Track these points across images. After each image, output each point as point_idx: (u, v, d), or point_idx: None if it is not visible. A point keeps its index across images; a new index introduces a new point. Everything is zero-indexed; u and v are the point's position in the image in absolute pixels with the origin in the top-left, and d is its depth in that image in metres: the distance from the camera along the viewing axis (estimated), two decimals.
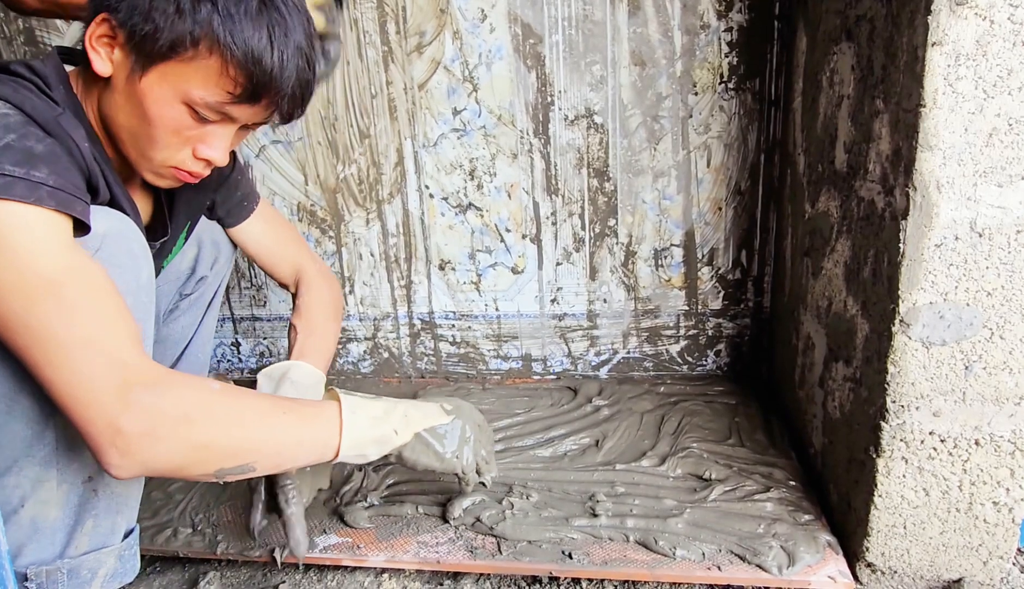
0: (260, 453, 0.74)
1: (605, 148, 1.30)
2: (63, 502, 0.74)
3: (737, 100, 1.24)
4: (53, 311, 0.64)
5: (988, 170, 0.71)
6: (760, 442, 1.15)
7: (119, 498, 0.79)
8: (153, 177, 0.82)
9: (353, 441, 0.80)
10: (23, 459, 0.71)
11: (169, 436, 0.68)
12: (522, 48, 1.26)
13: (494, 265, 1.42)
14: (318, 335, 1.08)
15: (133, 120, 0.76)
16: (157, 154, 0.78)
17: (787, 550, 0.89)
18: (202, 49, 0.72)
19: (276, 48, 0.74)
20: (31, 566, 0.73)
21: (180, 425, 0.69)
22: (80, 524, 0.76)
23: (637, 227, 1.34)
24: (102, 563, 0.78)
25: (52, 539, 0.74)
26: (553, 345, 1.46)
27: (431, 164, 1.36)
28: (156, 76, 0.73)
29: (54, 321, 0.64)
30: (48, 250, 0.65)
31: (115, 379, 0.66)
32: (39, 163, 0.65)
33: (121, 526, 0.81)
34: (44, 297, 0.64)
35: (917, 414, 0.80)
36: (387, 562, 0.95)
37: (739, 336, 1.40)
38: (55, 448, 0.73)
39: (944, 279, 0.75)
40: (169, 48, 0.72)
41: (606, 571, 0.90)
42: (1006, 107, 0.69)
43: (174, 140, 0.77)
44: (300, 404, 0.80)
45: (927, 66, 0.69)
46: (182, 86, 0.74)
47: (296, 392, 0.98)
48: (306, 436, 0.78)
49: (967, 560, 0.87)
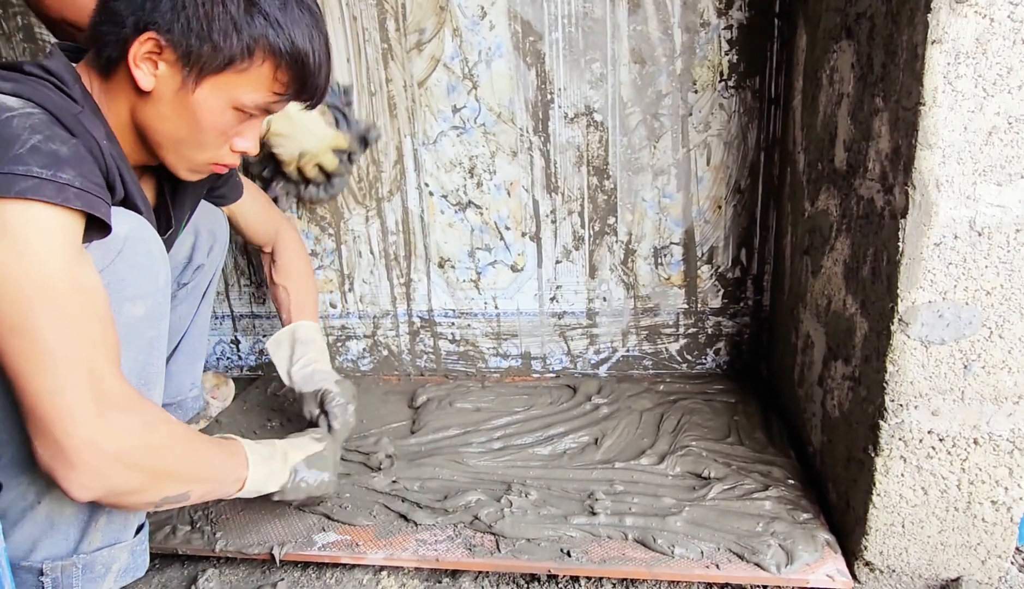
0: (200, 483, 0.80)
1: (605, 146, 1.30)
2: None
3: (737, 98, 1.24)
4: (53, 318, 0.65)
5: (987, 169, 0.71)
6: (759, 440, 1.15)
7: None
8: (188, 174, 0.86)
9: (255, 476, 0.88)
10: None
11: (138, 461, 0.71)
12: (522, 45, 1.25)
13: (494, 263, 1.42)
14: (305, 291, 1.24)
15: (182, 129, 0.80)
16: (202, 155, 0.84)
17: (786, 548, 0.90)
18: (256, 59, 0.78)
19: (314, 46, 0.81)
20: (46, 561, 0.74)
21: (148, 452, 0.72)
22: (94, 520, 0.77)
23: (637, 225, 1.34)
24: (115, 558, 0.79)
25: (67, 534, 0.75)
26: (552, 343, 1.46)
27: (431, 162, 1.36)
28: (208, 87, 0.78)
29: (50, 328, 0.65)
30: (64, 259, 0.66)
31: (95, 398, 0.67)
32: (65, 165, 0.66)
33: (133, 522, 0.82)
34: (47, 303, 0.65)
35: (916, 413, 0.80)
36: (386, 560, 0.95)
37: (738, 334, 1.40)
38: None
39: (943, 278, 0.75)
40: (227, 63, 0.77)
41: (605, 569, 0.90)
42: (1006, 105, 0.69)
43: (220, 140, 0.83)
44: (219, 442, 0.86)
45: (927, 64, 0.69)
46: (234, 93, 0.79)
47: (305, 349, 1.18)
48: (228, 469, 0.85)
49: (965, 559, 0.87)
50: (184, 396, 1.23)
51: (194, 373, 1.24)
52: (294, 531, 1.01)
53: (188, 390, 1.24)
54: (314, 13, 0.81)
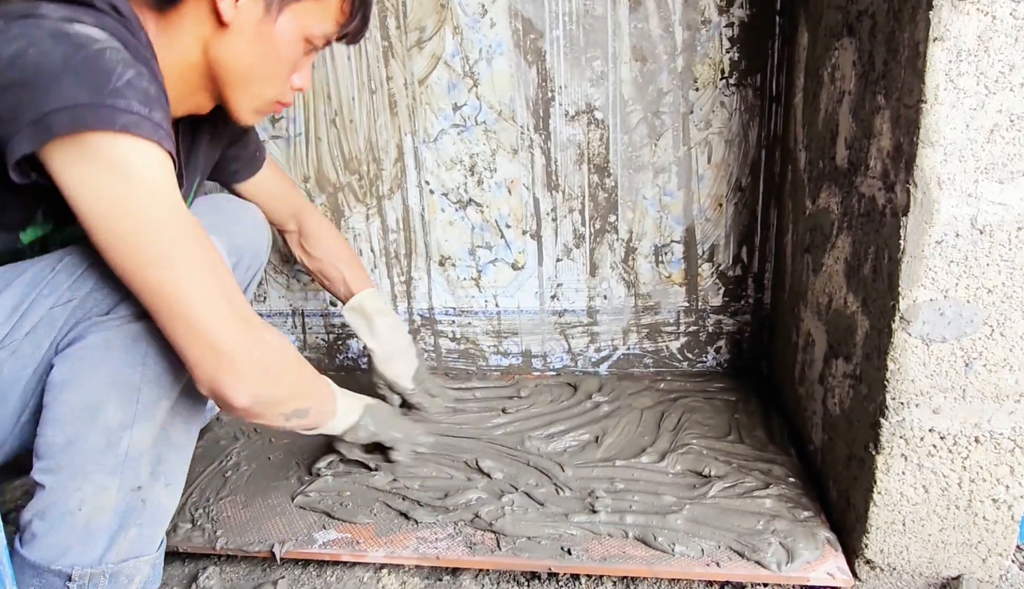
0: (316, 400, 0.91)
1: (606, 144, 1.30)
2: (115, 508, 0.76)
3: (738, 96, 1.24)
4: (186, 246, 0.69)
5: (989, 166, 0.71)
6: (760, 439, 1.15)
7: (163, 510, 0.81)
8: (253, 115, 0.87)
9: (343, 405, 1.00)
10: (92, 466, 0.73)
11: (280, 371, 0.79)
12: (523, 43, 1.25)
13: (494, 261, 1.41)
14: (352, 259, 1.27)
15: (258, 63, 0.81)
16: (272, 90, 0.85)
17: (786, 547, 0.89)
18: None
19: None
20: (76, 567, 0.74)
21: (286, 364, 0.81)
22: (124, 531, 0.77)
23: (637, 223, 1.34)
24: (139, 570, 0.80)
25: (96, 543, 0.75)
26: (553, 341, 1.46)
27: (431, 160, 1.36)
28: (287, 17, 0.80)
29: (186, 256, 0.68)
30: (174, 191, 0.69)
31: (236, 316, 0.73)
32: (155, 105, 0.66)
33: (159, 536, 0.82)
34: (176, 233, 0.68)
35: (917, 411, 0.80)
36: (386, 558, 0.95)
37: (739, 333, 1.40)
38: (124, 459, 0.75)
39: (944, 276, 0.75)
40: None
41: (605, 567, 0.90)
42: (1008, 103, 0.69)
43: (288, 74, 0.85)
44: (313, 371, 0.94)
45: (928, 62, 0.69)
46: (308, 23, 0.82)
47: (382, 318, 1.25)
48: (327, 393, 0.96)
49: (966, 557, 0.87)
50: None
51: None
52: (295, 529, 1.01)
53: None
54: None
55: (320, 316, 1.52)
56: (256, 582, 0.98)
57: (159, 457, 0.79)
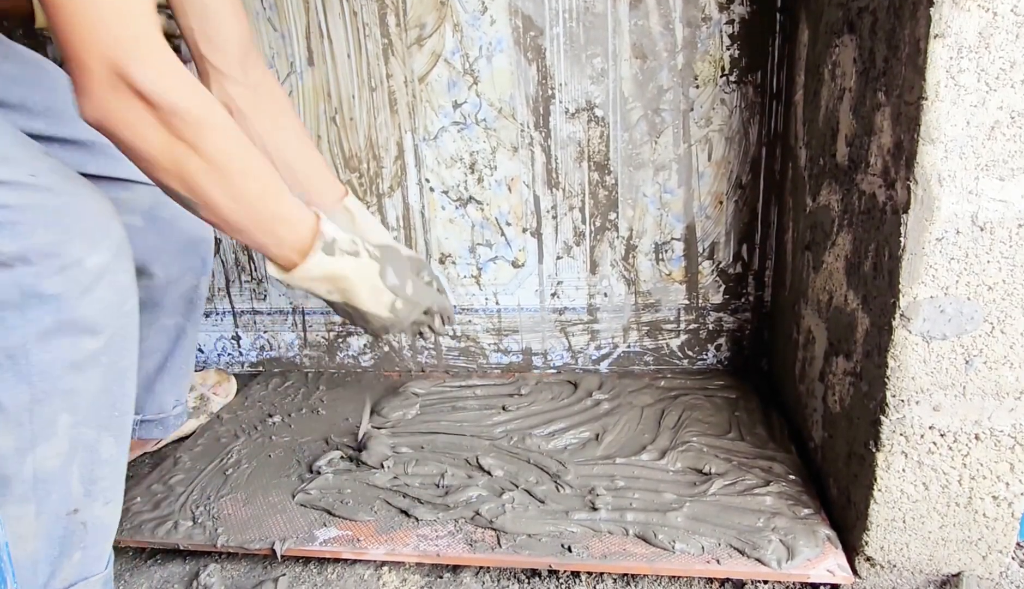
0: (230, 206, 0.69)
1: (606, 141, 1.29)
2: (44, 534, 0.73)
3: (739, 93, 1.24)
4: None
5: (990, 163, 0.71)
6: (760, 436, 1.15)
7: (106, 528, 0.79)
8: None
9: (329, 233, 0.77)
10: None
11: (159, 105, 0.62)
12: (523, 41, 1.25)
13: (494, 259, 1.41)
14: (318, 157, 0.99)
15: None
16: None
17: (786, 544, 0.90)
18: None
19: None
20: None
21: (172, 110, 0.63)
22: (67, 556, 0.75)
23: (638, 221, 1.34)
24: None
25: (35, 571, 0.72)
26: (553, 339, 1.46)
27: (431, 157, 1.36)
28: None
29: None
30: None
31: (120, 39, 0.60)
32: None
33: (106, 553, 0.80)
34: None
35: (917, 408, 0.80)
36: (387, 555, 0.95)
37: (740, 330, 1.40)
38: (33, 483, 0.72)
39: (945, 273, 0.75)
40: None
41: (605, 564, 0.91)
42: (1008, 100, 0.69)
43: None
44: (286, 192, 0.75)
45: (929, 59, 0.69)
46: None
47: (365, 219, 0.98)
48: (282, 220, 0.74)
49: (966, 554, 0.87)
50: (167, 413, 1.23)
51: (178, 391, 1.23)
52: (295, 527, 1.01)
53: (171, 408, 1.23)
54: None
55: (321, 314, 1.52)
56: (257, 580, 0.98)
57: (91, 476, 0.75)
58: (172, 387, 1.22)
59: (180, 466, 1.20)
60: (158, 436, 1.23)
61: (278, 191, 0.74)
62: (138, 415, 1.18)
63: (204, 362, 1.65)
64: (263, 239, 0.74)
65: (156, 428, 1.22)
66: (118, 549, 1.06)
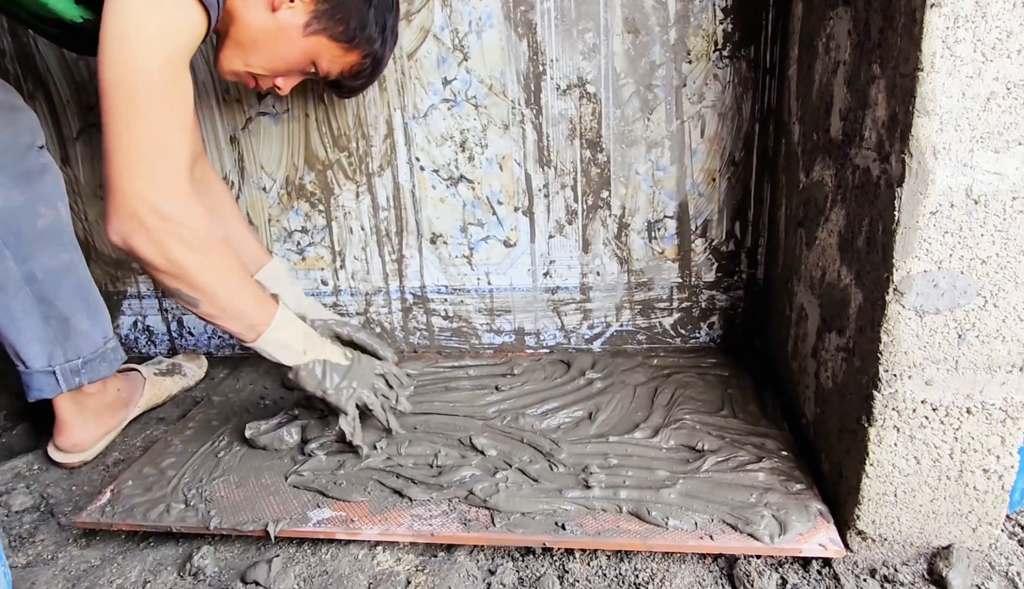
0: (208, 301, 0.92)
1: (598, 118, 1.28)
2: None
3: (732, 68, 1.22)
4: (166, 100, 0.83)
5: (985, 135, 0.70)
6: (753, 413, 1.15)
7: None
8: (228, 70, 1.02)
9: (270, 337, 0.99)
10: None
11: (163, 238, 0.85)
12: (513, 15, 1.23)
13: (486, 238, 1.40)
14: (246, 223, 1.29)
15: (267, 42, 0.98)
16: (256, 66, 1.01)
17: (779, 519, 0.90)
18: (361, 49, 1.06)
19: (387, 57, 1.14)
20: None
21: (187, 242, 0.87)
22: None
23: (630, 199, 1.33)
24: None
25: None
26: (546, 319, 1.45)
27: (421, 136, 1.34)
28: (314, 40, 1.01)
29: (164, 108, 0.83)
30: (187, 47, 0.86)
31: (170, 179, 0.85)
32: None
33: None
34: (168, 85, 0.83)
35: (909, 383, 0.80)
36: (381, 535, 0.95)
37: (732, 308, 1.40)
38: None
39: (939, 247, 0.74)
40: (343, 39, 1.03)
41: (599, 541, 0.91)
42: (1005, 70, 0.68)
43: (278, 69, 1.03)
44: (252, 284, 0.99)
45: (925, 28, 0.67)
46: (323, 54, 1.04)
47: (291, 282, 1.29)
48: (248, 311, 0.97)
49: (957, 527, 0.87)
50: (102, 348, 1.23)
51: (103, 327, 1.24)
52: (289, 508, 1.01)
53: (104, 343, 1.24)
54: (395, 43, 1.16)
55: (312, 295, 1.51)
56: (251, 561, 0.98)
57: None
58: (94, 323, 1.22)
59: (172, 449, 1.19)
60: (104, 373, 1.24)
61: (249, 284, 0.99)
62: (78, 359, 1.20)
63: (195, 345, 1.64)
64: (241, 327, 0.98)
65: (101, 365, 1.23)
66: (110, 532, 1.06)
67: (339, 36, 1.02)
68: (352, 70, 1.09)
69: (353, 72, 1.09)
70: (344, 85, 1.13)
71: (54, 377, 1.18)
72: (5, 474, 1.25)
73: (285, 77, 1.06)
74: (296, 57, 1.02)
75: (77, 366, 1.20)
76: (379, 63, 1.12)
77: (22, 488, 1.21)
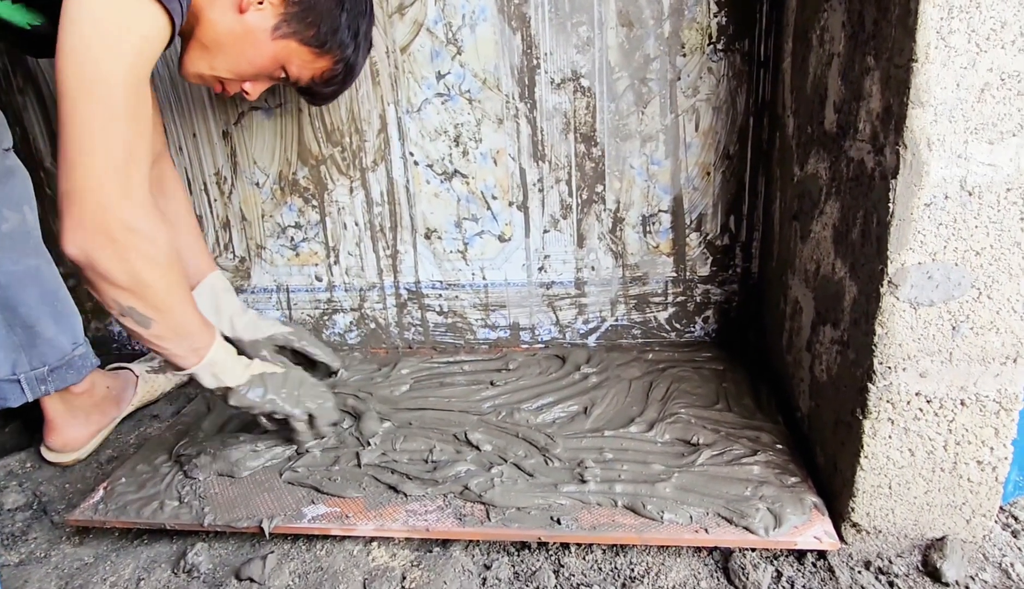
0: (165, 321, 0.89)
1: (592, 112, 1.27)
2: None
3: (726, 62, 1.22)
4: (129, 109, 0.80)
5: (979, 127, 0.70)
6: (748, 407, 1.16)
7: None
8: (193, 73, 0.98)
9: (211, 360, 0.96)
10: None
11: (127, 255, 0.82)
12: (506, 9, 1.22)
13: (481, 233, 1.40)
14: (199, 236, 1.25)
15: (235, 45, 0.95)
16: (223, 70, 0.98)
17: (774, 512, 0.90)
18: (332, 55, 1.03)
19: (359, 71, 1.11)
20: None
21: (139, 253, 0.82)
22: None
23: (625, 193, 1.33)
24: None
25: None
26: (541, 314, 1.45)
27: (415, 130, 1.33)
28: (283, 44, 0.98)
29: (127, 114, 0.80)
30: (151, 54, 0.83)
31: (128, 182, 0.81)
32: None
33: None
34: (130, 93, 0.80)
35: (904, 375, 0.80)
36: (376, 531, 0.95)
37: (727, 302, 1.40)
38: None
39: (933, 239, 0.74)
40: (314, 43, 0.99)
41: (595, 536, 0.91)
42: (999, 61, 0.68)
43: (246, 73, 0.99)
44: (198, 310, 0.96)
45: (920, 19, 0.67)
46: (293, 59, 1.00)
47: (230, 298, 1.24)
48: (195, 333, 0.94)
49: (951, 518, 0.88)
50: (69, 355, 1.20)
51: (72, 332, 1.21)
52: (283, 504, 1.01)
53: (72, 349, 1.21)
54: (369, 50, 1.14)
55: (306, 291, 1.50)
56: (245, 557, 0.98)
57: None
58: (61, 329, 1.19)
59: (164, 446, 1.18)
60: (72, 380, 1.21)
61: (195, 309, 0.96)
62: (44, 367, 1.17)
63: None
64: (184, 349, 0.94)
65: (68, 372, 1.20)
66: (104, 530, 1.05)
67: (309, 40, 0.99)
68: (323, 76, 1.05)
69: (324, 78, 1.06)
70: (315, 92, 1.09)
71: (19, 385, 1.16)
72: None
73: (253, 82, 1.02)
74: (264, 61, 0.98)
75: (43, 374, 1.17)
76: (352, 70, 1.08)
77: (14, 486, 1.20)
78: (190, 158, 1.42)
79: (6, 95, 1.43)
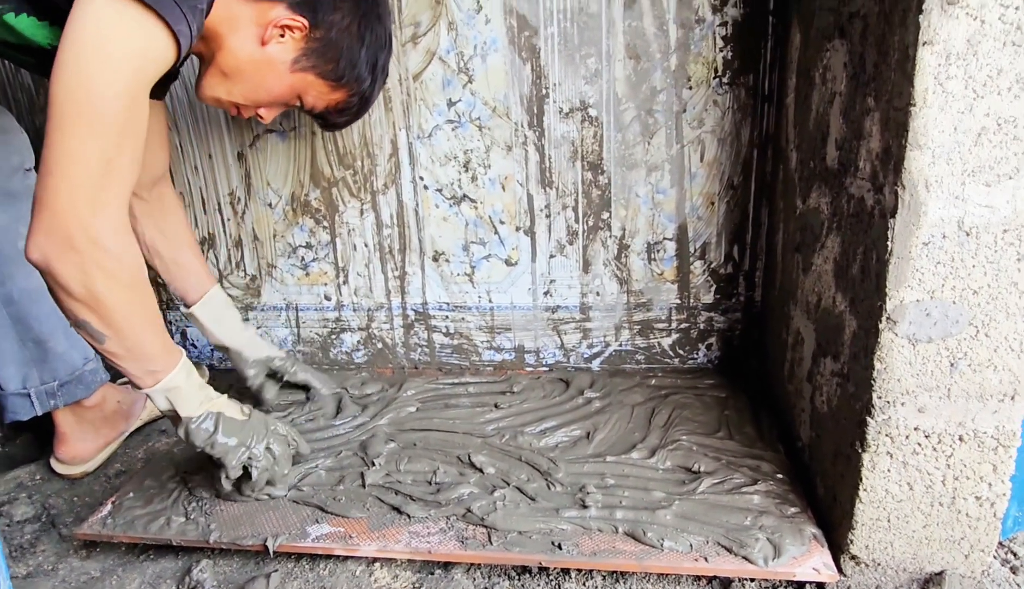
0: (120, 340, 0.87)
1: (599, 141, 1.30)
2: None
3: (731, 95, 1.24)
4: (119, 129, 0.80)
5: (976, 169, 0.72)
6: (749, 435, 1.16)
7: None
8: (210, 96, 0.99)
9: (168, 384, 0.94)
10: None
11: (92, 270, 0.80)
12: (517, 40, 1.25)
13: (488, 257, 1.42)
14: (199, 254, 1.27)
15: (252, 74, 0.96)
16: (239, 96, 0.99)
17: (773, 542, 0.91)
18: (348, 88, 1.04)
19: (375, 95, 1.11)
20: None
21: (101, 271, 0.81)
22: None
23: (630, 221, 1.35)
24: None
25: None
26: (546, 337, 1.47)
27: (425, 155, 1.36)
28: (300, 76, 0.99)
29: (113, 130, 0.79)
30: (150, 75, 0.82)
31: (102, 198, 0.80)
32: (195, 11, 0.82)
33: None
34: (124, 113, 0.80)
35: (902, 410, 0.81)
36: (379, 552, 0.96)
37: (730, 330, 1.41)
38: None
39: (931, 277, 0.76)
40: (332, 77, 1.01)
41: (595, 562, 0.92)
42: (995, 107, 0.70)
43: (261, 100, 1.00)
44: (164, 333, 0.94)
45: (918, 65, 0.69)
46: (310, 90, 1.02)
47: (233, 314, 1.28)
48: (153, 356, 0.92)
49: (949, 553, 0.88)
50: (80, 370, 1.23)
51: (83, 348, 1.23)
52: (288, 523, 1.02)
53: (82, 364, 1.23)
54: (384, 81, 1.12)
55: (315, 310, 1.53)
56: (249, 575, 0.99)
57: None
58: (72, 344, 1.21)
59: (172, 461, 1.20)
60: (81, 395, 1.24)
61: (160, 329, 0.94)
62: (54, 382, 1.20)
63: (198, 358, 1.65)
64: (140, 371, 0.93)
65: (78, 387, 1.23)
66: (111, 544, 1.07)
67: (327, 74, 1.00)
68: (338, 107, 1.07)
69: (339, 108, 1.07)
70: (329, 119, 1.10)
71: (29, 400, 1.19)
72: (7, 484, 1.26)
73: (268, 108, 1.04)
74: (281, 91, 0.99)
75: (53, 388, 1.20)
76: (366, 101, 1.09)
77: (24, 498, 1.22)
78: (205, 178, 1.45)
79: (29, 115, 1.47)
